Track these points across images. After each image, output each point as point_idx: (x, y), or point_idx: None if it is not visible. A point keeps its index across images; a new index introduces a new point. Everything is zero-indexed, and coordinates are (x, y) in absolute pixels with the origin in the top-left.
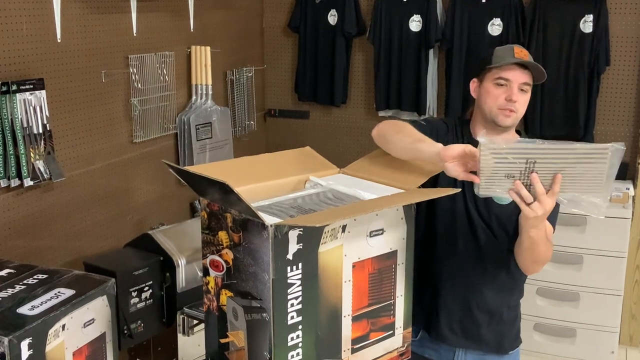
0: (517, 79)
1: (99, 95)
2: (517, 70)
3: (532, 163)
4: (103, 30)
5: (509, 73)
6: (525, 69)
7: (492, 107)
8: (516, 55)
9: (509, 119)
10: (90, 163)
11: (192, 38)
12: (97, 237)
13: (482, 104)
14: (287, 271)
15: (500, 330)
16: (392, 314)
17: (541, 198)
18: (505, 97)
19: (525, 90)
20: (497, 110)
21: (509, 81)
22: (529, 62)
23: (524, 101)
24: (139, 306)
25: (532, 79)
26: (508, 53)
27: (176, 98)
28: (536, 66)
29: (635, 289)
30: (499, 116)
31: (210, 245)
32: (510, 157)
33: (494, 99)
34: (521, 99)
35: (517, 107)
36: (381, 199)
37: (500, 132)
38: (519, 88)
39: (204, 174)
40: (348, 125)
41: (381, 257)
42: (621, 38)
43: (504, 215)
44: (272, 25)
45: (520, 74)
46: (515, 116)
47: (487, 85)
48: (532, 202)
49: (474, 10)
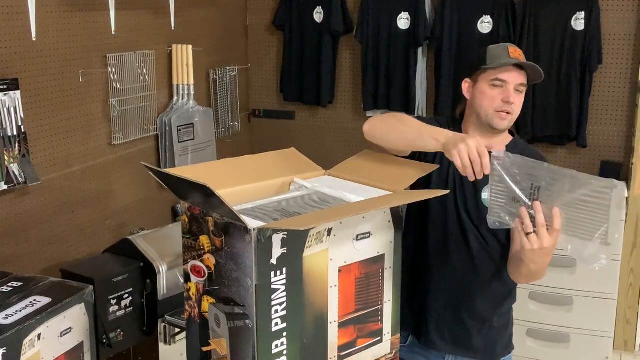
0: (514, 80)
1: (76, 96)
2: (513, 71)
3: (536, 189)
4: (80, 28)
5: (506, 74)
6: (521, 70)
7: (488, 110)
8: (511, 55)
9: (505, 122)
10: (67, 166)
11: (173, 36)
12: (74, 243)
13: (476, 105)
14: (271, 276)
15: (492, 336)
16: (380, 320)
17: (541, 231)
18: (502, 98)
19: (520, 91)
20: (493, 113)
21: (505, 82)
22: (526, 63)
23: (520, 102)
24: (119, 314)
25: (527, 79)
26: (503, 53)
27: (157, 98)
28: (533, 67)
29: (630, 292)
30: (495, 119)
31: (191, 250)
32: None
33: (490, 101)
34: (517, 100)
35: (514, 108)
36: (368, 202)
37: (494, 134)
38: (515, 89)
39: (185, 177)
40: (335, 126)
41: (368, 262)
42: (613, 36)
43: None
44: (257, 23)
45: (517, 75)
46: (511, 118)
47: (482, 87)
48: (531, 233)
49: (464, 8)
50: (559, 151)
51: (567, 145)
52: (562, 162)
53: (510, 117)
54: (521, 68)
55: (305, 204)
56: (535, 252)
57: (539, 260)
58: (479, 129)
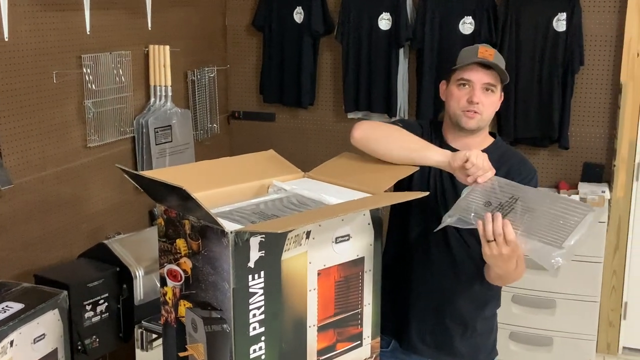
0: (480, 79)
1: (50, 97)
2: (479, 70)
3: (515, 199)
4: (54, 28)
5: (471, 73)
6: (489, 69)
7: (456, 109)
8: (479, 55)
9: (472, 121)
10: (41, 169)
11: (150, 37)
12: (49, 247)
13: (447, 106)
14: (249, 280)
15: (475, 342)
16: (360, 324)
17: (498, 239)
18: (467, 98)
19: (491, 91)
20: (460, 112)
21: (470, 82)
22: (489, 61)
23: (490, 102)
24: (94, 320)
25: (498, 79)
26: (472, 53)
27: (133, 100)
28: (496, 65)
29: (613, 295)
30: (462, 118)
31: (167, 254)
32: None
33: (457, 100)
34: (486, 100)
35: (481, 108)
36: (347, 204)
37: (467, 134)
38: (484, 88)
39: (161, 179)
40: (316, 127)
41: (348, 264)
42: (595, 37)
43: None
44: (236, 24)
45: (483, 74)
46: (479, 118)
47: (451, 87)
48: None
49: (445, 9)
50: (541, 153)
51: (549, 147)
52: (544, 164)
53: (478, 117)
54: (490, 68)
55: (284, 206)
56: (495, 258)
57: (502, 264)
58: (453, 130)
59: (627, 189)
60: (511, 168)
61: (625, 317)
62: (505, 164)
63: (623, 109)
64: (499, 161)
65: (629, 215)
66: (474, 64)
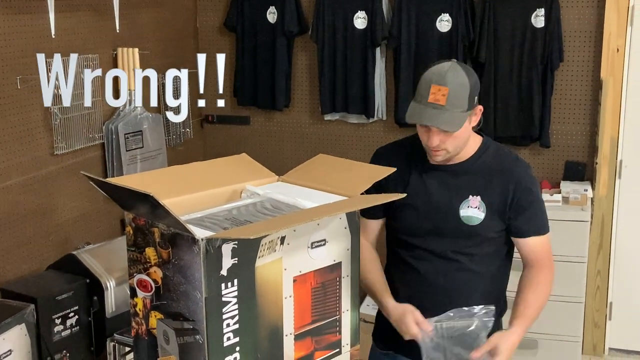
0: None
1: (14, 104)
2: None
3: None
4: (17, 32)
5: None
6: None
7: (424, 145)
8: (430, 99)
9: (438, 157)
10: (5, 178)
11: (118, 39)
12: (15, 260)
13: None
14: (222, 288)
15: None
16: (338, 331)
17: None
18: (426, 141)
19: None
20: (426, 149)
21: (427, 127)
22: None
23: (453, 139)
24: (64, 334)
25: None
26: (425, 93)
27: (102, 105)
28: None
29: (597, 295)
30: (430, 155)
31: (137, 264)
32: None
33: (421, 138)
34: (446, 138)
35: (442, 146)
36: (322, 207)
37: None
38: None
39: (128, 186)
40: (292, 130)
41: (324, 270)
42: (574, 32)
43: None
44: (207, 25)
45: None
46: (445, 153)
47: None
48: None
49: (422, 6)
50: (522, 152)
51: (530, 146)
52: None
53: (443, 152)
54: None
55: (257, 211)
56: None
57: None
58: None
59: (609, 186)
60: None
61: (610, 317)
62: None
63: (604, 105)
64: (493, 166)
65: (612, 213)
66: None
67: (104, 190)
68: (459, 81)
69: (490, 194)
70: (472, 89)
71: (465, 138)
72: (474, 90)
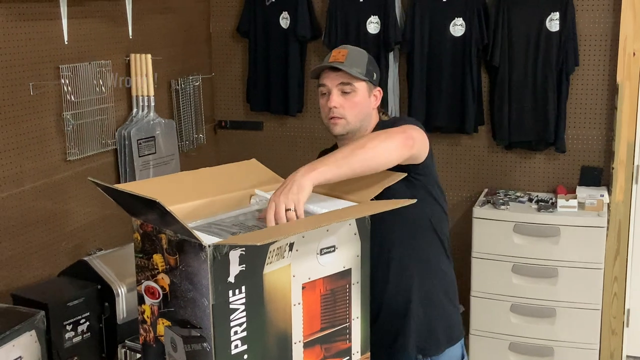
0: (332, 82)
1: (27, 110)
2: (330, 73)
3: None
4: (30, 38)
5: (324, 79)
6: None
7: (324, 119)
8: (330, 60)
9: (337, 127)
10: (18, 184)
11: (131, 45)
12: (27, 266)
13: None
14: (229, 295)
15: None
16: (348, 339)
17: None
18: (327, 104)
19: (348, 92)
20: (327, 121)
21: (326, 87)
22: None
23: (351, 104)
24: (75, 340)
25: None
26: (326, 58)
27: (115, 111)
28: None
29: (614, 302)
30: (330, 126)
31: (144, 270)
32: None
33: (322, 110)
34: (345, 103)
35: (342, 112)
36: (332, 213)
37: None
38: (340, 90)
39: (135, 192)
40: (305, 135)
41: (334, 277)
42: (589, 36)
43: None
44: (220, 30)
45: (335, 76)
46: (344, 122)
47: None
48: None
49: (435, 10)
50: (538, 157)
51: (545, 151)
52: (541, 168)
53: (343, 122)
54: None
55: None
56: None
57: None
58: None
59: (626, 192)
60: None
61: (628, 324)
62: None
63: (620, 109)
64: None
65: (629, 219)
66: (325, 69)
67: (112, 197)
68: (358, 50)
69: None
70: (370, 61)
71: (365, 111)
72: (372, 66)
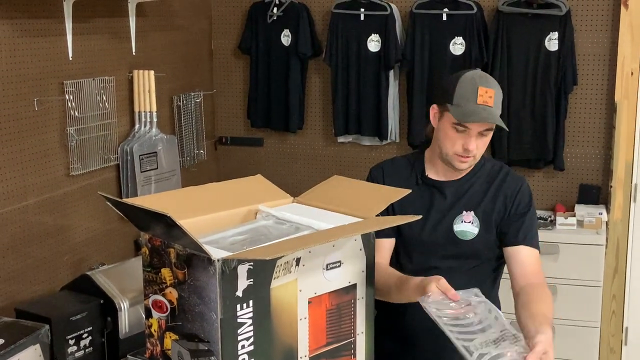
0: (477, 127)
1: (31, 125)
2: None
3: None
4: (34, 54)
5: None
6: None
7: (449, 151)
8: (479, 101)
9: (465, 164)
10: (22, 199)
11: (134, 62)
12: (30, 280)
13: (439, 142)
14: (237, 309)
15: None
16: (353, 354)
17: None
18: (463, 144)
19: (485, 135)
20: (453, 155)
21: (468, 129)
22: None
23: (484, 144)
24: (77, 355)
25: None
26: (471, 96)
27: (117, 126)
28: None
29: (613, 320)
30: (455, 161)
31: (152, 284)
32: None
33: (452, 144)
34: (480, 144)
35: (475, 153)
36: (337, 229)
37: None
38: (479, 133)
39: (145, 206)
40: (305, 152)
41: (339, 292)
42: (588, 56)
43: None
44: (222, 47)
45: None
46: (472, 160)
47: (445, 126)
48: None
49: (435, 29)
50: (536, 175)
51: (544, 169)
52: (540, 186)
53: (471, 160)
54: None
55: (272, 232)
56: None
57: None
58: (441, 161)
59: (624, 210)
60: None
61: (626, 342)
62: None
63: (618, 128)
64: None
65: (628, 237)
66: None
67: (121, 211)
68: (498, 87)
69: (485, 209)
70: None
71: (484, 150)
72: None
